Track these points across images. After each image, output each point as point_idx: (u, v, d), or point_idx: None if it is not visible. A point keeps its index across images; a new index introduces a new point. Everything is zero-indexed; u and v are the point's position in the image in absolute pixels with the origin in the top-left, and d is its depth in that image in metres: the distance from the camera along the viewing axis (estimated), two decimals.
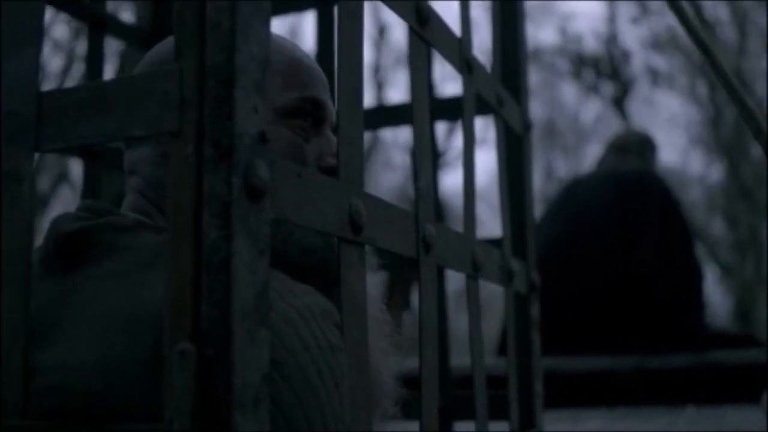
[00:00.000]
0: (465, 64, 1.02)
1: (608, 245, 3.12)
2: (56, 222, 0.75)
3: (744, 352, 2.75)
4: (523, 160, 1.32)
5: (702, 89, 11.48)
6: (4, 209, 0.58)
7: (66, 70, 8.55)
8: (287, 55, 0.86)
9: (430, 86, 1.66)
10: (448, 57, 0.96)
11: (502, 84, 1.23)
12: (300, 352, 0.63)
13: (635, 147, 3.44)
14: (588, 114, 13.45)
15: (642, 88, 11.91)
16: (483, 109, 1.22)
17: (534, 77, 12.24)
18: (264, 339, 0.50)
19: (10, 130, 0.58)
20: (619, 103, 11.72)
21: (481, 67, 1.09)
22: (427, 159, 0.85)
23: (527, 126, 1.33)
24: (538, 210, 3.47)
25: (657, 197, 3.18)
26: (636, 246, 3.11)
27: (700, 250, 11.48)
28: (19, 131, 0.58)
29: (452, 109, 1.55)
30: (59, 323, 0.66)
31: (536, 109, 12.79)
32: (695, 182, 12.24)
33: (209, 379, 0.47)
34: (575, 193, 3.40)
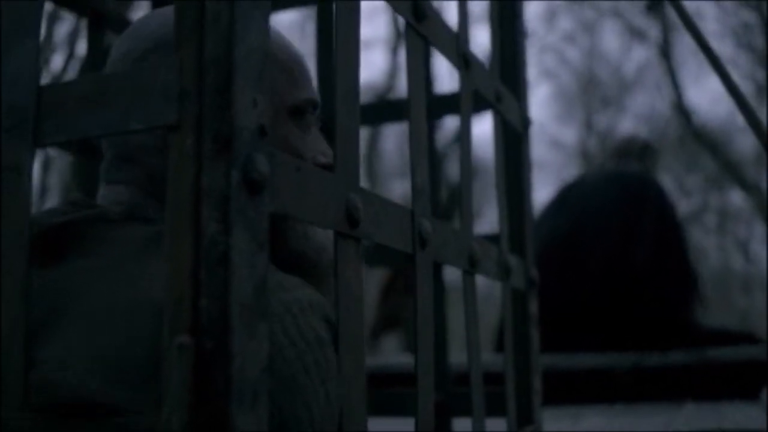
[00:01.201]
0: (462, 59, 1.02)
1: (607, 243, 3.15)
2: (43, 216, 0.74)
3: (743, 349, 2.76)
4: (522, 157, 1.31)
5: (756, 34, 10.65)
6: (4, 202, 0.58)
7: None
8: (294, 54, 0.88)
9: (428, 82, 1.66)
10: (445, 53, 0.96)
11: (502, 80, 1.22)
12: (286, 347, 0.63)
13: (636, 152, 3.55)
14: (631, 63, 12.48)
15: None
16: (481, 105, 1.22)
17: (572, 23, 11.67)
18: (263, 333, 0.50)
19: (10, 123, 0.58)
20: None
21: (479, 62, 1.09)
22: (423, 155, 0.85)
23: (526, 123, 1.33)
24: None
25: (655, 199, 3.24)
26: (634, 245, 3.14)
27: (749, 204, 11.06)
28: (19, 125, 0.58)
29: (450, 105, 1.55)
30: (52, 317, 0.66)
31: (575, 58, 12.13)
32: (744, 134, 11.33)
33: (208, 372, 0.47)
34: (576, 191, 3.43)
